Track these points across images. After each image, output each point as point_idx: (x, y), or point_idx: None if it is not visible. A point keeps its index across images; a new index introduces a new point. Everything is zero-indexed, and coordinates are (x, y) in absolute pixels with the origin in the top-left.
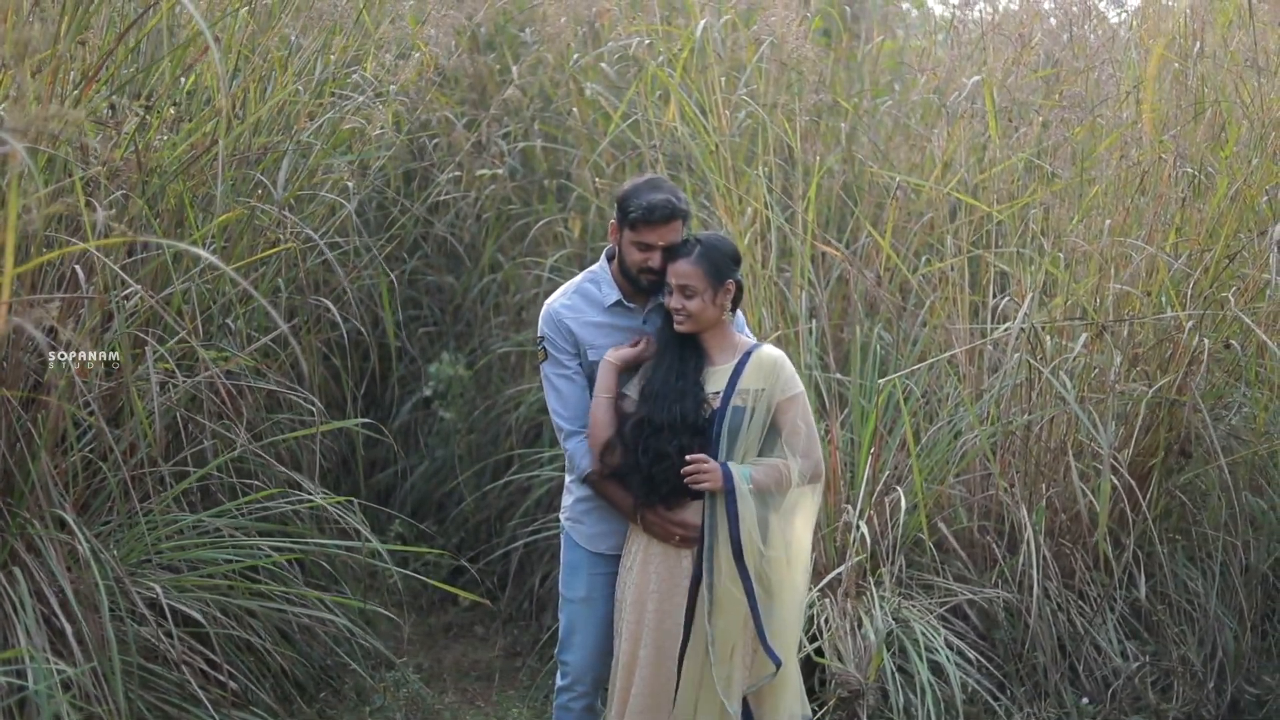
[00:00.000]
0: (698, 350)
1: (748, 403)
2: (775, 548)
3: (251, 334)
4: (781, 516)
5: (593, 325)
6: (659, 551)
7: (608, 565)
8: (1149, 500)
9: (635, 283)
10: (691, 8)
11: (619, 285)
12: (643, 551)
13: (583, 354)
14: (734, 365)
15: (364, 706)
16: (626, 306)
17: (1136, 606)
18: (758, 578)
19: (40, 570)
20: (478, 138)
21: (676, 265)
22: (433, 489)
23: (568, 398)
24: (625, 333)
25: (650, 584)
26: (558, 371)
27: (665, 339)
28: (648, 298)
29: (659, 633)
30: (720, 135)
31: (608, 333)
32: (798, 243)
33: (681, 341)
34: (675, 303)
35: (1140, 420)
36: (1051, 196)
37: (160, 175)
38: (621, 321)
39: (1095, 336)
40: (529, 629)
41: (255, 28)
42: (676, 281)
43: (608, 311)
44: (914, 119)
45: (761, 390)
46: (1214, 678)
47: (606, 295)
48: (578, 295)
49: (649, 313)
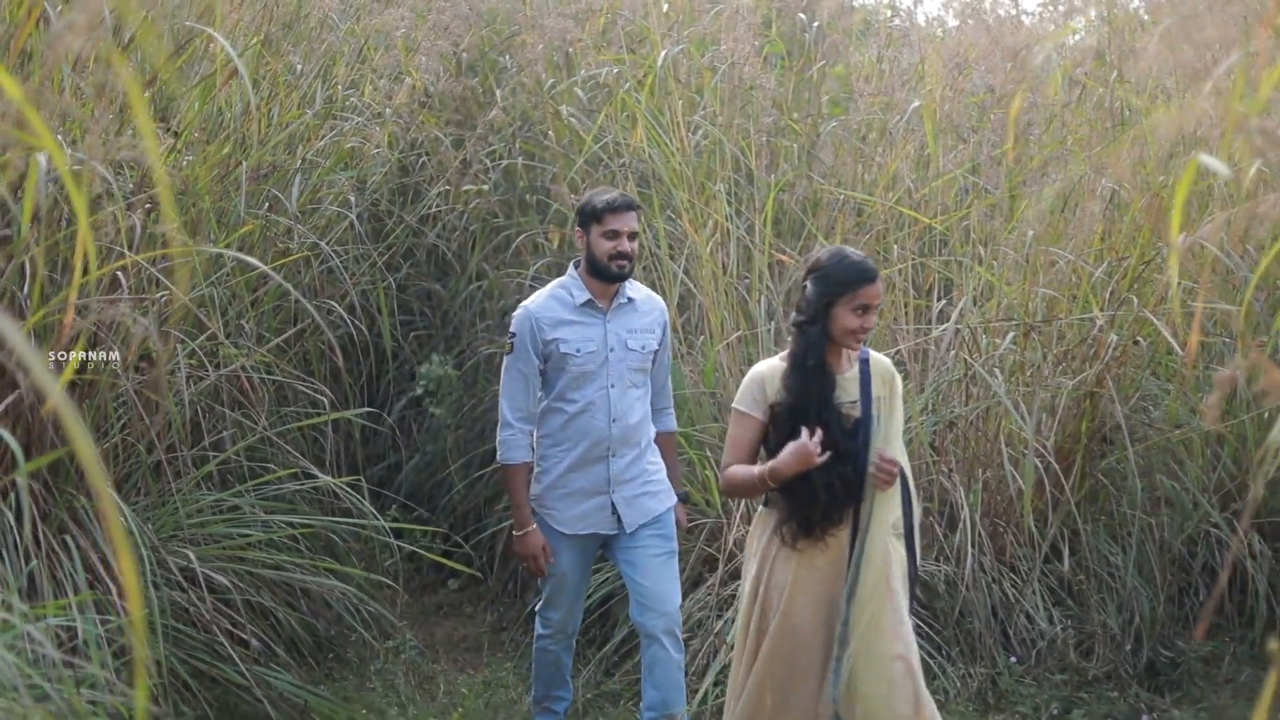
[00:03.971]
0: (829, 371)
1: (881, 411)
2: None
3: (262, 334)
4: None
5: (564, 323)
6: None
7: (582, 544)
8: (1073, 483)
9: (606, 274)
10: (654, 38)
11: (589, 287)
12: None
13: (552, 347)
14: (858, 373)
15: (368, 667)
16: (595, 306)
17: (1061, 578)
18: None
19: (84, 539)
20: (464, 156)
21: (879, 286)
22: (424, 480)
23: (518, 393)
24: (592, 328)
25: (787, 581)
26: (519, 366)
27: (811, 362)
28: (613, 298)
29: (787, 629)
30: (683, 154)
31: (577, 328)
32: (756, 252)
33: (822, 365)
34: (871, 322)
35: (1064, 411)
36: (986, 210)
37: (189, 192)
38: (589, 319)
39: (1024, 335)
40: (514, 605)
41: (267, 57)
42: (877, 302)
43: (578, 310)
44: (858, 138)
45: (886, 397)
46: (1131, 641)
47: (577, 297)
48: (551, 299)
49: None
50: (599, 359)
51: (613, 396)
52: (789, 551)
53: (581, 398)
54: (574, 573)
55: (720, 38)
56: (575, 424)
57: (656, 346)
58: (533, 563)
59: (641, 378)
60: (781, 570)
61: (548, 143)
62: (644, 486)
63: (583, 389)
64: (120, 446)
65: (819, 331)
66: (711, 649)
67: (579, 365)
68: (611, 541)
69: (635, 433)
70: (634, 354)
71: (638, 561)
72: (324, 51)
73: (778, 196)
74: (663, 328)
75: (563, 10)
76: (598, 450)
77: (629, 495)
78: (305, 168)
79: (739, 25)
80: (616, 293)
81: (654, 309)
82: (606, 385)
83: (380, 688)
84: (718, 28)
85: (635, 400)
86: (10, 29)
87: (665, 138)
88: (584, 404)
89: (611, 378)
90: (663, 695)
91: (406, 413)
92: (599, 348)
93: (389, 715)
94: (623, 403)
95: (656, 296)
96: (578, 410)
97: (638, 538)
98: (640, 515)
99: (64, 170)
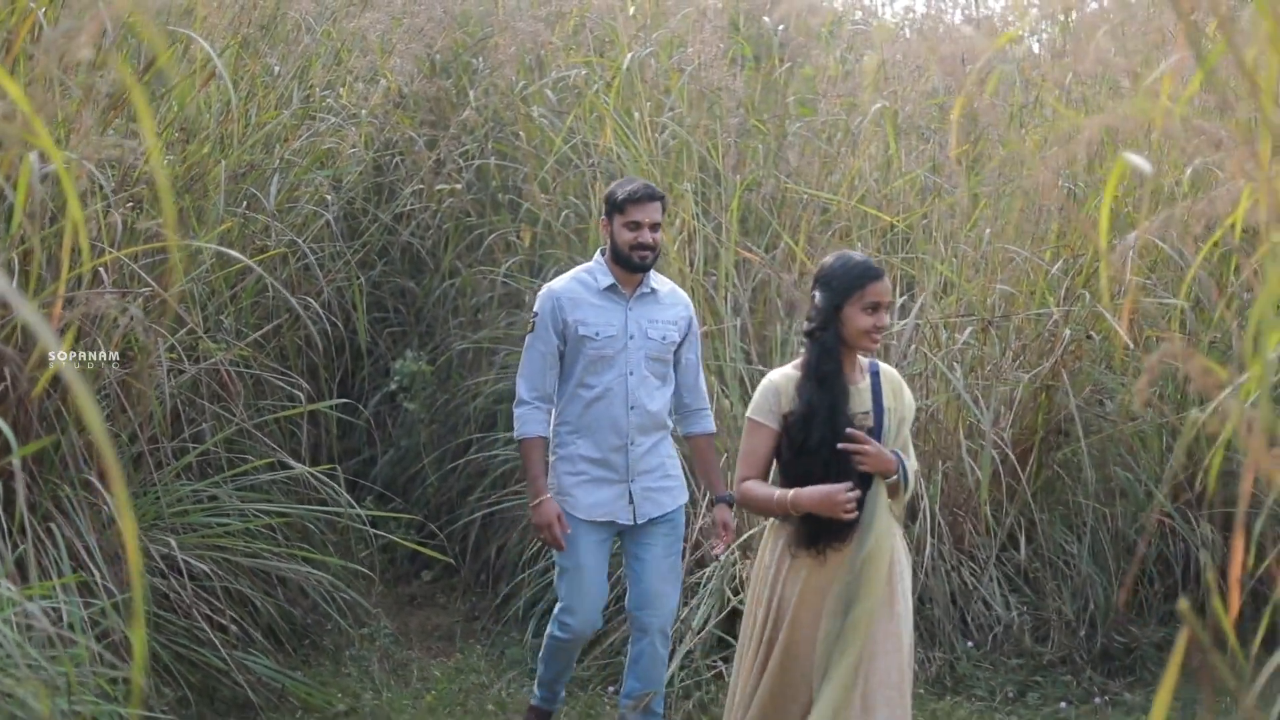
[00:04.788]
0: (842, 380)
1: (890, 421)
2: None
3: (241, 329)
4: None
5: (586, 304)
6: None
7: (600, 532)
8: (1029, 474)
9: (628, 264)
10: (620, 41)
11: (613, 273)
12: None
13: (572, 328)
14: (869, 384)
15: (343, 653)
16: (618, 292)
17: (1018, 566)
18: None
19: (69, 528)
20: (437, 155)
21: (886, 283)
22: (398, 474)
23: (535, 372)
24: (613, 312)
25: (794, 594)
26: (538, 345)
27: (825, 369)
28: (636, 286)
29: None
30: (651, 155)
31: (598, 311)
32: (723, 250)
33: (836, 373)
34: (883, 321)
35: (1021, 404)
36: (945, 209)
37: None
38: (611, 304)
39: (982, 330)
40: (485, 596)
41: (245, 58)
42: (886, 299)
43: (600, 294)
44: (823, 139)
45: (895, 408)
46: (1086, 627)
47: (601, 281)
48: (575, 281)
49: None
50: (618, 344)
51: (631, 384)
52: (800, 564)
53: (600, 384)
54: (592, 561)
55: (688, 40)
56: (593, 410)
57: (678, 339)
58: (548, 531)
59: (661, 368)
60: (792, 583)
61: (519, 143)
62: (661, 480)
63: (601, 375)
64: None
65: (832, 336)
66: (678, 634)
67: (597, 349)
68: (625, 532)
69: (653, 421)
70: (653, 343)
71: (647, 559)
72: (300, 53)
73: (744, 196)
74: (688, 323)
75: (534, 13)
76: (616, 437)
77: (646, 487)
78: (283, 167)
79: (705, 28)
80: (640, 282)
81: (678, 303)
82: (625, 372)
83: (355, 673)
84: (685, 30)
85: (654, 389)
86: (7, 34)
87: (633, 138)
88: (602, 390)
89: (631, 364)
90: (643, 687)
91: (381, 408)
92: (619, 333)
93: (364, 699)
94: (641, 390)
95: (681, 293)
96: (595, 396)
97: (651, 535)
98: (653, 509)
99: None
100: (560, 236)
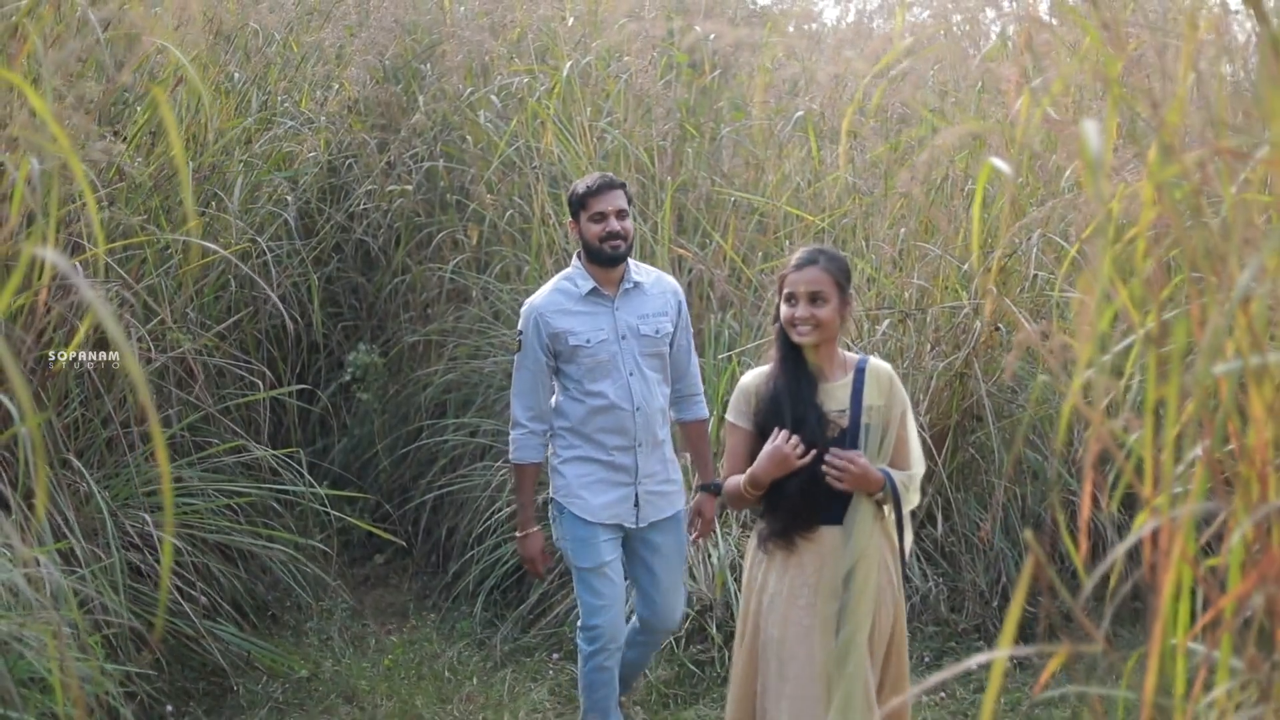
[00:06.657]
0: (808, 370)
1: (874, 420)
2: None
3: (205, 321)
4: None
5: (570, 313)
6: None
7: (611, 531)
8: (944, 456)
9: (603, 257)
10: (560, 51)
11: (592, 275)
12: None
13: (562, 339)
14: (851, 381)
15: (304, 625)
16: (601, 294)
17: (935, 541)
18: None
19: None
20: (389, 158)
21: (805, 273)
22: (352, 461)
23: (528, 392)
24: (600, 317)
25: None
26: (527, 364)
27: (780, 362)
28: (618, 283)
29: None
30: (590, 158)
31: (584, 318)
32: (658, 247)
33: (796, 363)
34: (803, 311)
35: (937, 391)
36: (861, 208)
37: (139, 190)
38: (596, 308)
39: (900, 322)
40: (436, 576)
41: (208, 65)
42: (806, 289)
43: (583, 300)
44: (753, 143)
45: (882, 406)
46: (998, 599)
47: (582, 286)
48: (556, 292)
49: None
50: (611, 349)
51: (634, 385)
52: (781, 559)
53: (602, 390)
54: (612, 557)
55: (626, 49)
56: (599, 418)
57: (671, 329)
58: (531, 565)
59: (659, 363)
60: (769, 577)
61: (466, 146)
62: (663, 484)
63: (600, 382)
64: (80, 421)
65: (779, 328)
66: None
67: (591, 355)
68: (628, 536)
69: (656, 420)
70: (648, 339)
71: (656, 569)
72: (260, 61)
73: (678, 197)
74: (677, 308)
75: (480, 23)
76: (624, 440)
77: (650, 490)
78: (244, 169)
79: (639, 39)
80: (622, 278)
81: (665, 290)
82: (626, 375)
83: (316, 642)
84: (623, 40)
85: (656, 386)
86: (14, 45)
87: (574, 142)
88: (605, 395)
89: (629, 366)
90: (625, 673)
91: (335, 398)
92: (610, 337)
93: (325, 666)
94: (644, 391)
95: (668, 277)
96: (602, 405)
97: (656, 541)
98: (654, 513)
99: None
100: (505, 235)
